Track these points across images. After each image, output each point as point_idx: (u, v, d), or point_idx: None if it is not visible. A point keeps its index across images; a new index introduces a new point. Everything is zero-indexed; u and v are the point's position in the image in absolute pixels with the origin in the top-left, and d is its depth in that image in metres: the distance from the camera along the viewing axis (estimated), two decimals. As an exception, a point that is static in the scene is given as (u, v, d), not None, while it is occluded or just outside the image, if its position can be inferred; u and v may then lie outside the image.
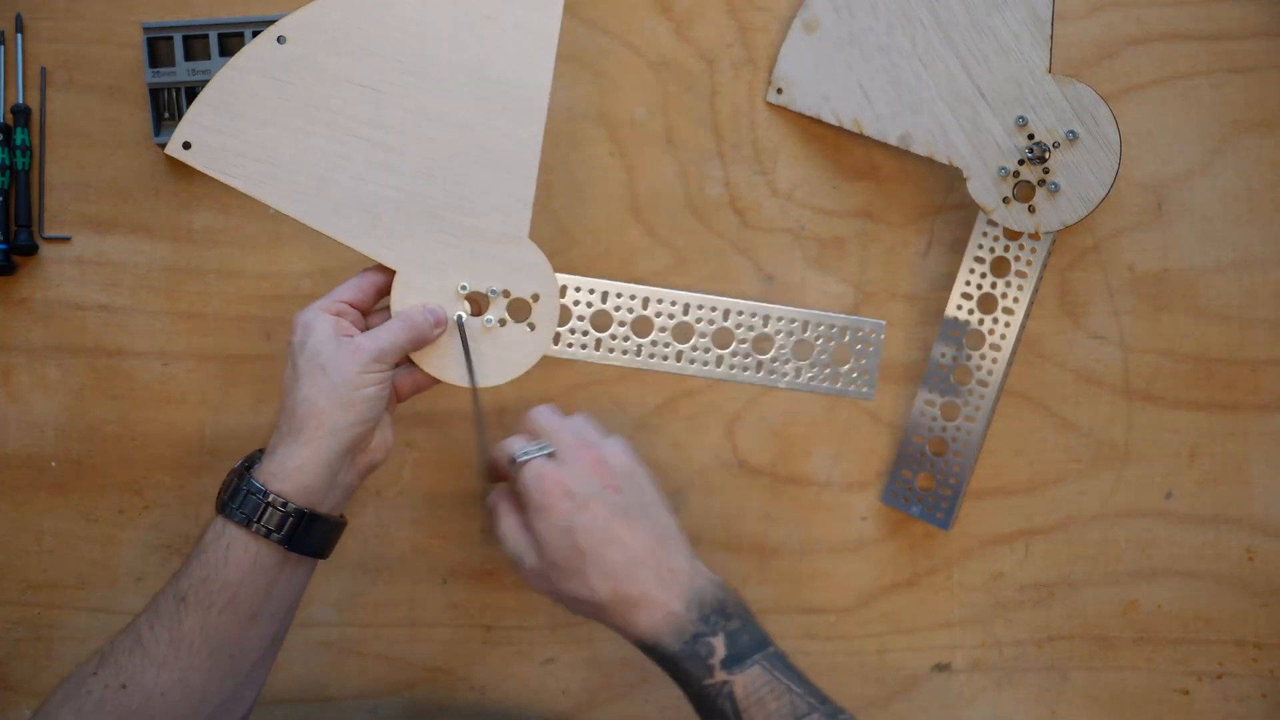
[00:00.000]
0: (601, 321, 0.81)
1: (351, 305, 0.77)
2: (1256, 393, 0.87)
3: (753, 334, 0.81)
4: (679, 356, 0.81)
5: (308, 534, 0.72)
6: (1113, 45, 0.87)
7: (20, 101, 0.87)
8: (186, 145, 0.76)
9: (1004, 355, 0.85)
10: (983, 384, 0.85)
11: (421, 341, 0.76)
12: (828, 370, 0.82)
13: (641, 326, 0.81)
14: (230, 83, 0.76)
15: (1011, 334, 0.85)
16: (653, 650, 0.72)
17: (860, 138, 0.85)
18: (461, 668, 0.89)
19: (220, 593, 0.71)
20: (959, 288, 0.85)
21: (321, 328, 0.74)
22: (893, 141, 0.84)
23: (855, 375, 0.82)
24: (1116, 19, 0.87)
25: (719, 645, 0.71)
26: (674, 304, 0.81)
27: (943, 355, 0.86)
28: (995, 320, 0.85)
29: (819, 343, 0.82)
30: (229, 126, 0.76)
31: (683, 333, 0.81)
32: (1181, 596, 0.88)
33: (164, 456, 0.89)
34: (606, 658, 0.89)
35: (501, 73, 0.77)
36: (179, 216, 0.89)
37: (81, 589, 0.89)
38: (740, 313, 0.81)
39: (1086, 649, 0.88)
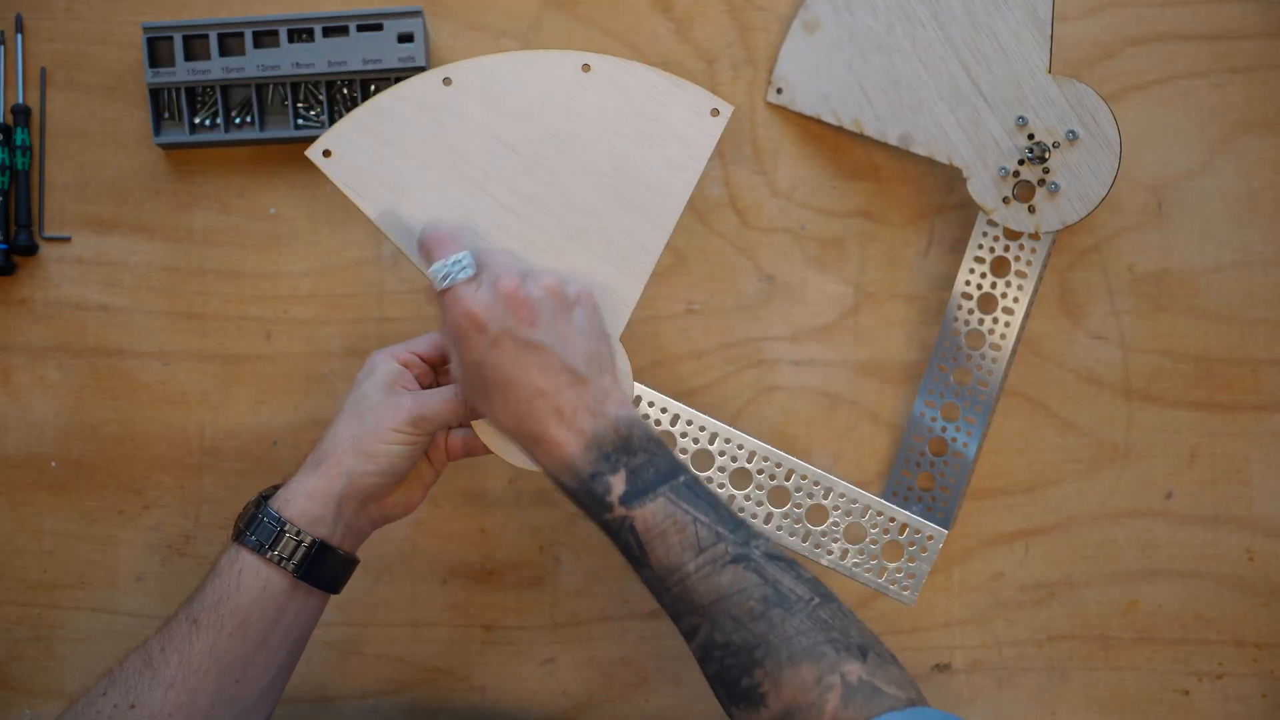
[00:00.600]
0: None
1: (424, 359, 0.77)
2: (1256, 393, 0.87)
3: (810, 501, 0.81)
4: (730, 501, 0.81)
5: (318, 565, 0.73)
6: (1113, 45, 0.87)
7: (20, 101, 0.87)
8: (327, 153, 0.77)
9: (1004, 355, 0.85)
10: (983, 384, 0.85)
11: (471, 418, 0.76)
12: (874, 562, 0.81)
13: (702, 460, 0.81)
14: (386, 109, 0.77)
15: (1011, 334, 0.84)
16: (555, 483, 0.72)
17: (860, 138, 0.85)
18: (461, 668, 0.89)
19: (231, 616, 0.71)
20: (959, 288, 0.85)
21: (382, 373, 0.75)
22: (893, 141, 0.84)
23: (901, 576, 0.81)
24: (1116, 19, 0.87)
25: (617, 482, 0.70)
26: (740, 447, 0.81)
27: (943, 355, 0.86)
28: (995, 320, 0.85)
29: (873, 531, 0.81)
30: (373, 149, 0.77)
31: (740, 479, 0.81)
32: (1181, 596, 0.88)
33: (164, 456, 0.89)
34: (606, 658, 0.89)
35: (645, 174, 0.78)
36: (179, 216, 0.89)
37: (81, 589, 0.89)
38: (804, 477, 0.81)
39: (1086, 649, 0.88)
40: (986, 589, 0.88)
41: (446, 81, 0.77)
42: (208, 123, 0.87)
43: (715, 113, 0.78)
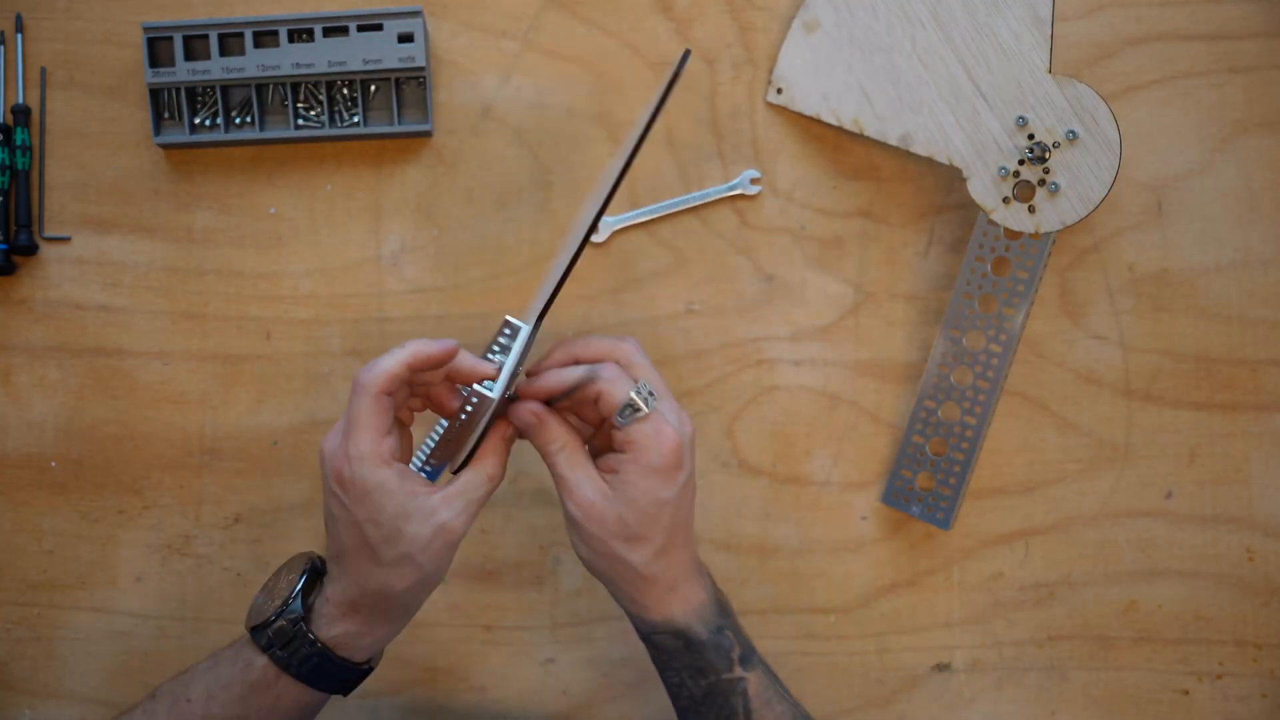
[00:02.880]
0: None
1: (395, 418, 0.70)
2: (1256, 393, 0.87)
3: None
4: None
5: (344, 682, 0.72)
6: (1113, 45, 0.87)
7: (20, 101, 0.87)
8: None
9: (1004, 355, 0.85)
10: (983, 384, 0.85)
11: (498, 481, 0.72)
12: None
13: None
14: None
15: (1011, 334, 0.84)
16: (677, 635, 0.70)
17: (860, 138, 0.85)
18: (461, 668, 0.89)
19: None
20: (959, 288, 0.85)
21: (392, 504, 0.66)
22: (893, 141, 0.84)
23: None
24: (1116, 19, 0.87)
25: (734, 641, 0.71)
26: None
27: (943, 355, 0.86)
28: (995, 320, 0.85)
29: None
30: None
31: None
32: (1181, 596, 0.88)
33: (164, 456, 0.89)
34: (606, 658, 0.89)
35: None
36: (179, 216, 0.89)
37: (81, 589, 0.89)
38: None
39: (1086, 649, 0.88)
40: (986, 589, 0.88)
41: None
42: (208, 123, 0.87)
43: None
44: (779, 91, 0.87)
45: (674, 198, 0.87)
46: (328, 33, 0.85)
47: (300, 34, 0.85)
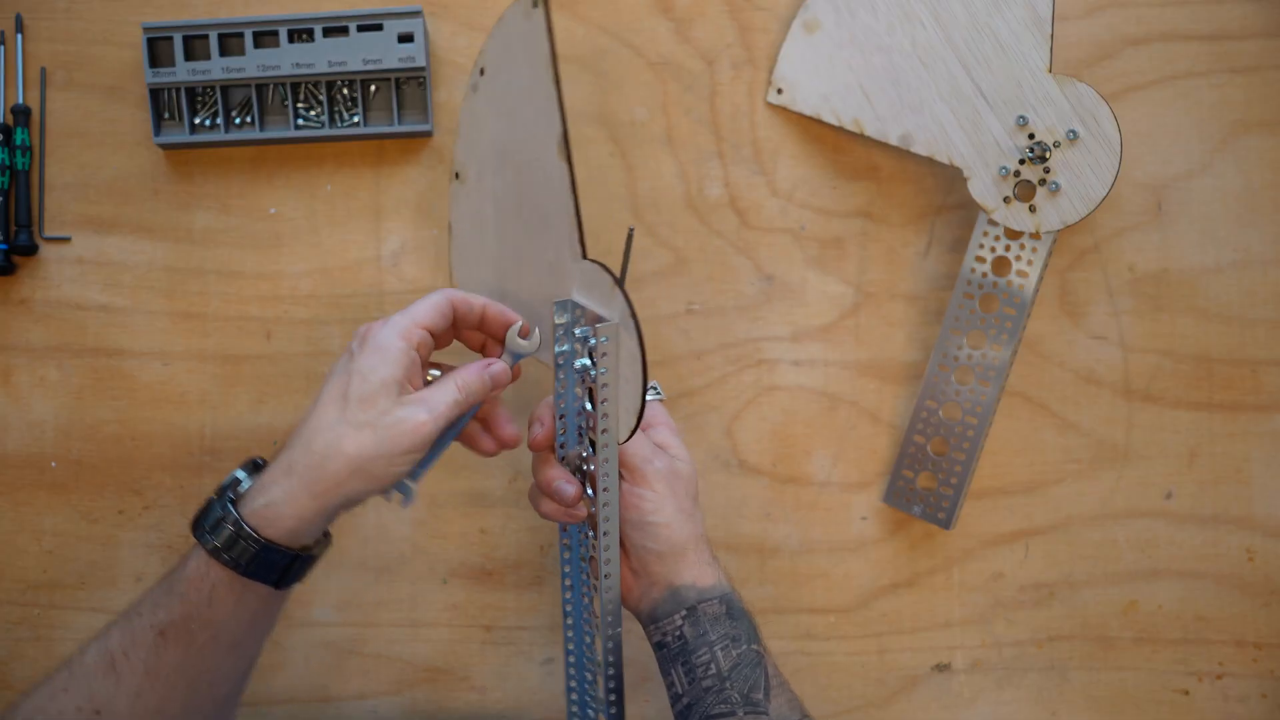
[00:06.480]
0: None
1: (430, 330, 0.71)
2: (1256, 393, 0.87)
3: None
4: None
5: (297, 572, 0.70)
6: (1113, 45, 0.87)
7: (20, 101, 0.87)
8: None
9: (1004, 355, 0.85)
10: (983, 384, 0.85)
11: (472, 406, 0.71)
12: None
13: None
14: None
15: (1012, 334, 0.84)
16: (723, 599, 0.74)
17: (860, 138, 0.85)
18: (461, 668, 0.89)
19: (202, 630, 0.67)
20: (960, 287, 0.85)
21: (394, 366, 0.68)
22: (893, 141, 0.84)
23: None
24: (1116, 19, 0.87)
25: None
26: None
27: (943, 355, 0.86)
28: (995, 320, 0.85)
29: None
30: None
31: None
32: (1181, 596, 0.88)
33: (164, 456, 0.89)
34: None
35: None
36: (179, 216, 0.89)
37: (81, 589, 0.89)
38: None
39: (1086, 649, 0.88)
40: (986, 589, 0.88)
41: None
42: (208, 123, 0.87)
43: None
44: (779, 91, 0.87)
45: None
46: (328, 33, 0.85)
47: (300, 34, 0.85)
